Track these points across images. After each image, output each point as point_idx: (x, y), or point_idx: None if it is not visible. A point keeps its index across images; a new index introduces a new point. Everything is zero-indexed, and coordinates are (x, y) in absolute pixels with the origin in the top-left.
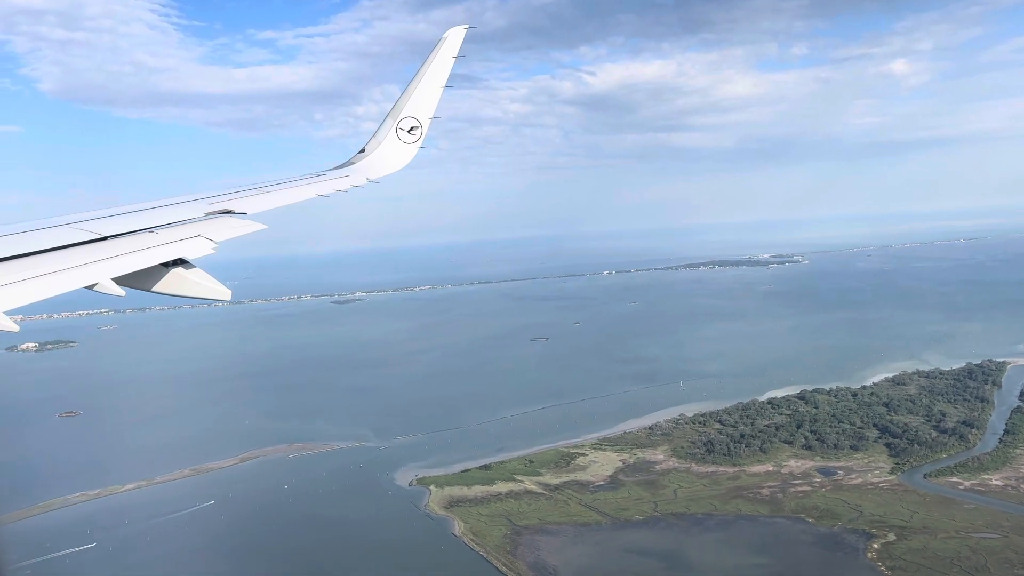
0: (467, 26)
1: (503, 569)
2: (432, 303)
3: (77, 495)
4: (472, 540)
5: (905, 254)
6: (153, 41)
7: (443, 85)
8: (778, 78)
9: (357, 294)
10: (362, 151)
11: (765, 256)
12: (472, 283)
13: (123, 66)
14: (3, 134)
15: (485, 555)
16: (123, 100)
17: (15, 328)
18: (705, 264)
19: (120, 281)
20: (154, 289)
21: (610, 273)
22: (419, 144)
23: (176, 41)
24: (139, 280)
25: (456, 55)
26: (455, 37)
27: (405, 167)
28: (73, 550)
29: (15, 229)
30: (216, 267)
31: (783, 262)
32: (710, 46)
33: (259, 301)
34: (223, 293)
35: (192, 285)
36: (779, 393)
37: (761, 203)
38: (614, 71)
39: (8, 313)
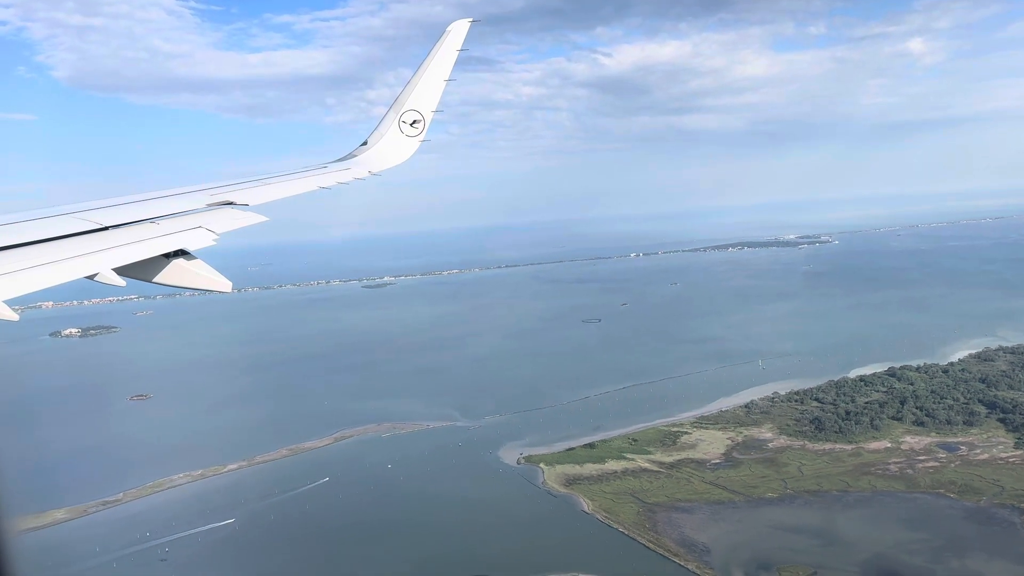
0: (471, 19)
1: (650, 546)
2: (466, 286)
3: (181, 475)
4: (606, 517)
5: (934, 233)
6: (169, 26)
7: (446, 78)
8: (793, 58)
9: (386, 278)
10: (364, 143)
11: (792, 237)
12: (499, 266)
13: (138, 52)
14: (17, 122)
15: (626, 532)
16: (136, 87)
17: (15, 317)
18: (733, 245)
19: (121, 271)
20: (155, 280)
21: (637, 255)
22: (421, 137)
23: (192, 26)
24: (140, 270)
25: (460, 48)
26: (459, 30)
27: (407, 160)
28: (214, 525)
29: (16, 218)
30: (228, 254)
31: (812, 242)
32: (728, 26)
33: (288, 286)
34: (224, 285)
35: (193, 276)
36: (865, 371)
37: (773, 185)
38: (630, 52)
39: (8, 302)
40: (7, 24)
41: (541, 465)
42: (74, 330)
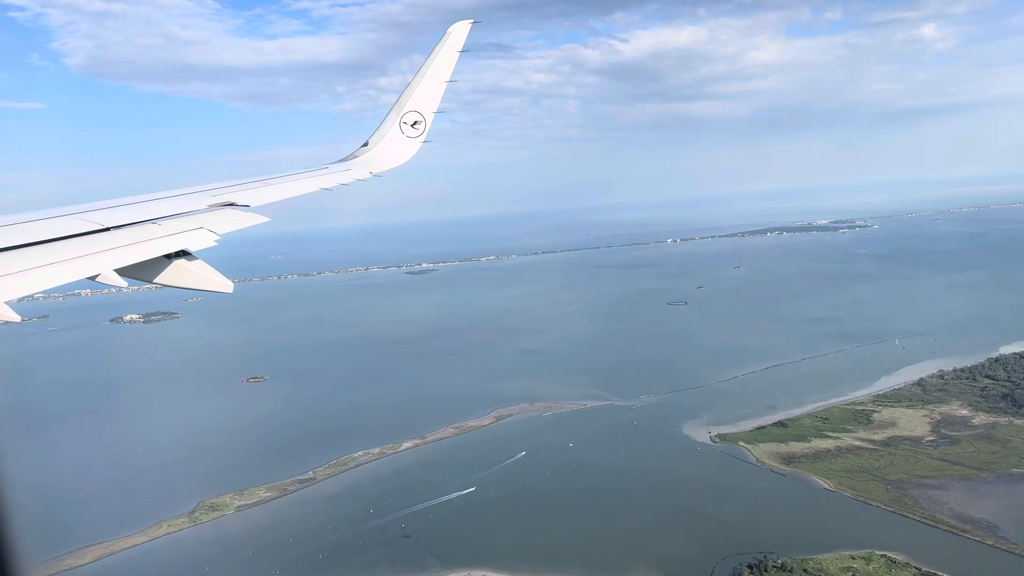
0: (472, 20)
1: (928, 523)
2: (514, 272)
3: (360, 453)
4: (856, 495)
5: (972, 217)
6: (188, 12)
7: (448, 80)
8: (806, 44)
9: (424, 265)
10: (365, 144)
11: (825, 221)
12: (536, 253)
13: (154, 39)
14: (26, 111)
15: (891, 509)
16: (148, 75)
17: (16, 318)
18: (770, 230)
19: (122, 272)
20: (156, 280)
21: (674, 241)
22: (423, 138)
23: (212, 12)
24: (141, 271)
25: (461, 49)
26: (460, 31)
27: (408, 161)
28: (458, 493)
29: (18, 219)
30: (241, 243)
31: (851, 227)
32: (745, 11)
33: (327, 273)
34: (225, 286)
35: (194, 277)
36: (1015, 348)
37: (782, 172)
38: (646, 38)
39: (10, 303)
40: (26, 10)
41: (740, 443)
42: (135, 316)
